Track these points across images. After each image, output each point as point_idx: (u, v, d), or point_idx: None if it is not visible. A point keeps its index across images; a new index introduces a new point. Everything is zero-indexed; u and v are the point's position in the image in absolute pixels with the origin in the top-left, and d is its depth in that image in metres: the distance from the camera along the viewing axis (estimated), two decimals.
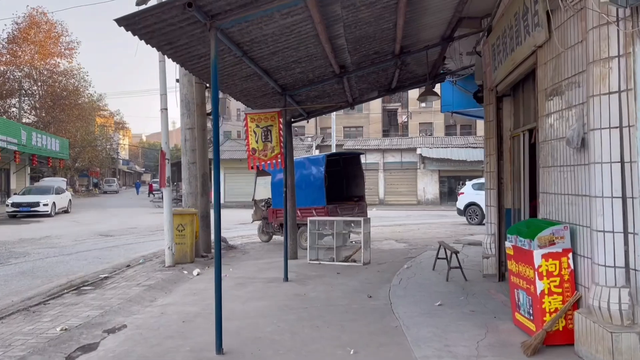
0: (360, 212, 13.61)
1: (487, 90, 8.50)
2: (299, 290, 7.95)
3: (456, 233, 16.61)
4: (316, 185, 12.90)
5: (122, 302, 7.26)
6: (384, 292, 7.64)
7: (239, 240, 15.79)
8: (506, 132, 7.91)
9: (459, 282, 8.09)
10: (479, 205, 20.47)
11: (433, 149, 36.27)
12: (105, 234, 18.13)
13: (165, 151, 10.19)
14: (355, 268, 9.96)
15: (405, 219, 24.44)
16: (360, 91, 10.77)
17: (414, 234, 16.50)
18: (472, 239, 13.78)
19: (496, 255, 8.05)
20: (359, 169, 14.27)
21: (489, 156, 8.44)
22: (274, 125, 8.56)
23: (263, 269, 10.14)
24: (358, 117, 48.18)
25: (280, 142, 8.56)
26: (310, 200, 13.03)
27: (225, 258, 11.99)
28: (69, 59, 50.02)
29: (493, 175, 8.29)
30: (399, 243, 14.06)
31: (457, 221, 21.96)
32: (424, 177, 36.40)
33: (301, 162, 13.54)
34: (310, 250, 10.86)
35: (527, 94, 7.07)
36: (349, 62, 8.18)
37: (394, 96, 50.04)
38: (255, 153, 8.61)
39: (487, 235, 8.47)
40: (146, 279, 9.10)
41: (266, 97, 8.90)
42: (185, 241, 10.84)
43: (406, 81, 10.96)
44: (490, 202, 8.45)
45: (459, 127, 48.20)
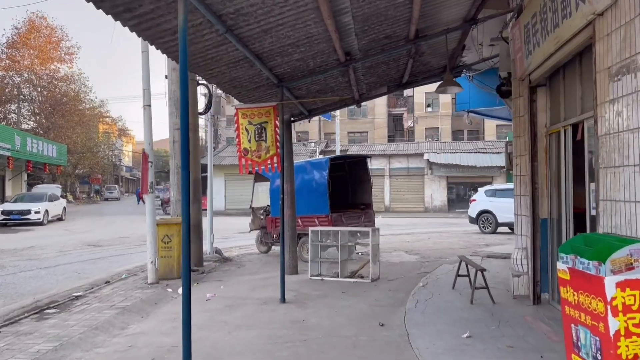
0: (368, 221, 12.41)
1: (516, 81, 7.32)
2: (297, 315, 6.75)
3: (470, 243, 15.37)
4: (319, 192, 11.72)
5: (85, 331, 6.08)
6: (398, 318, 6.43)
7: (236, 251, 14.61)
8: (541, 128, 6.72)
9: (486, 305, 6.87)
10: (492, 213, 19.29)
11: (441, 154, 35.03)
12: (94, 244, 16.98)
13: (149, 153, 9.04)
14: (363, 285, 8.75)
15: (413, 228, 23.20)
16: (368, 86, 9.61)
17: (425, 245, 15.27)
18: (490, 250, 12.54)
19: (529, 274, 6.83)
20: (366, 174, 13.08)
21: (519, 157, 7.25)
22: (268, 122, 7.41)
23: (258, 287, 8.95)
24: (363, 122, 47.10)
25: (276, 141, 7.40)
26: (312, 208, 11.84)
27: (217, 272, 10.82)
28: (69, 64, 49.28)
29: (524, 180, 7.09)
30: (409, 255, 12.84)
31: (468, 230, 20.72)
32: (431, 184, 35.15)
33: (302, 166, 12.36)
34: (311, 264, 9.67)
35: (571, 81, 5.89)
36: (356, 48, 7.02)
37: (399, 100, 49.02)
38: (247, 154, 7.46)
39: (517, 250, 7.26)
40: (123, 299, 7.92)
41: (260, 90, 7.75)
42: (172, 254, 9.67)
43: (419, 75, 9.80)
44: (520, 210, 7.25)
45: (467, 132, 47.02)
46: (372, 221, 12.55)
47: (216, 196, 36.92)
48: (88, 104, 54.08)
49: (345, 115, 44.64)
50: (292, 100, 8.14)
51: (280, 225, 7.71)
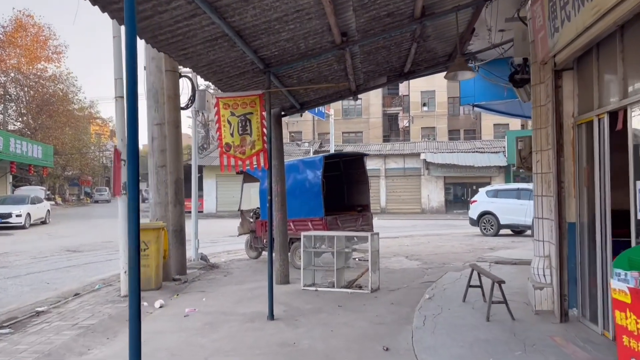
0: (365, 224, 11.50)
1: (535, 65, 6.43)
2: (287, 336, 5.82)
3: (474, 247, 14.49)
4: (312, 193, 10.79)
5: (36, 359, 5.12)
6: (404, 339, 5.51)
7: (224, 257, 13.64)
8: (567, 118, 5.83)
9: (504, 322, 5.96)
10: (494, 215, 18.44)
11: (438, 154, 34.19)
12: (75, 249, 15.97)
13: (121, 150, 8.07)
14: (362, 297, 7.83)
15: (411, 230, 22.31)
16: (366, 75, 8.70)
17: (426, 249, 14.37)
18: (497, 255, 11.64)
19: (555, 286, 5.93)
20: (363, 173, 12.15)
21: (539, 153, 6.36)
22: (254, 113, 6.48)
23: (245, 299, 8.01)
24: (357, 121, 46.24)
25: (262, 135, 6.47)
26: (305, 211, 10.91)
27: (201, 282, 9.87)
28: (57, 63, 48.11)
29: (547, 178, 6.20)
30: (410, 260, 11.93)
31: (469, 232, 19.86)
32: (428, 184, 34.29)
33: (294, 166, 11.43)
34: (304, 273, 8.73)
35: (608, 61, 5.00)
36: (354, 27, 6.10)
37: (394, 100, 48.20)
38: (229, 150, 6.52)
39: (538, 258, 6.36)
40: (89, 315, 6.96)
41: (245, 78, 6.82)
42: (149, 262, 8.70)
43: (422, 63, 8.90)
44: (542, 213, 6.35)
45: (463, 132, 46.28)
46: (369, 224, 11.64)
47: (207, 198, 36.04)
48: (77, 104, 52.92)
49: (339, 114, 43.78)
50: (280, 87, 7.21)
51: (268, 230, 6.77)
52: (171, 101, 10.35)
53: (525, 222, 17.37)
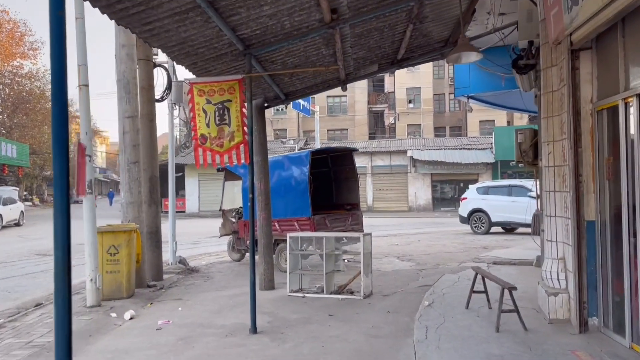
0: (355, 224, 10.81)
1: (546, 47, 5.80)
2: (272, 352, 5.10)
3: (466, 246, 13.91)
4: (298, 191, 10.08)
5: None
6: (406, 356, 4.83)
7: (205, 260, 12.88)
8: (585, 104, 5.20)
9: (516, 333, 5.31)
10: (485, 212, 17.89)
11: (424, 150, 33.70)
12: (46, 252, 15.06)
13: (85, 144, 7.27)
14: (354, 304, 7.14)
15: (399, 228, 21.74)
16: (357, 63, 8.00)
17: (417, 248, 13.76)
18: (494, 255, 11.04)
19: (572, 292, 5.30)
20: (352, 170, 11.46)
21: (552, 143, 5.73)
22: (233, 101, 5.74)
23: (225, 308, 7.27)
24: (343, 119, 45.59)
25: (243, 125, 5.74)
26: (291, 210, 10.20)
27: (179, 288, 9.11)
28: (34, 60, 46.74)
29: (561, 171, 5.57)
30: (402, 261, 11.28)
31: (459, 230, 19.33)
32: (415, 182, 33.79)
33: (279, 162, 10.71)
34: (290, 277, 8.02)
35: (637, 37, 4.37)
36: (345, 2, 5.41)
37: (380, 97, 47.67)
38: (205, 142, 5.77)
39: (551, 261, 5.73)
40: (47, 330, 6.17)
41: (223, 61, 6.07)
42: (120, 268, 7.91)
43: (417, 50, 8.23)
44: (554, 210, 5.72)
45: (449, 129, 45.91)
46: (359, 223, 10.96)
47: (189, 197, 35.08)
48: None
49: (324, 112, 43.12)
50: (262, 73, 6.46)
51: (249, 231, 6.03)
52: (145, 93, 9.57)
53: (517, 219, 16.88)
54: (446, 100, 46.12)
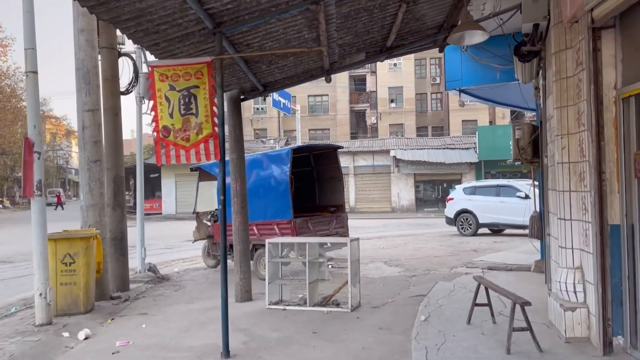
0: (340, 227, 10.05)
1: (560, 27, 5.11)
2: None
3: (456, 249, 13.25)
4: (279, 192, 9.28)
5: None
6: None
7: (178, 266, 11.99)
8: (608, 91, 4.52)
9: (530, 355, 4.59)
10: (472, 213, 17.28)
11: (407, 150, 33.16)
12: (6, 259, 13.99)
13: (34, 140, 6.36)
14: (341, 319, 6.37)
15: (383, 230, 21.08)
16: (342, 50, 7.23)
17: (404, 252, 13.06)
18: (488, 260, 10.37)
19: (593, 308, 4.61)
20: (337, 169, 10.69)
21: (567, 137, 5.04)
22: (200, 87, 4.93)
23: (195, 324, 6.44)
24: (324, 118, 44.88)
25: (212, 115, 4.93)
26: (271, 213, 9.39)
27: (146, 299, 8.24)
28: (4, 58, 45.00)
29: (577, 169, 4.88)
30: (390, 267, 10.56)
31: (445, 231, 18.74)
32: (398, 182, 33.22)
33: (257, 160, 9.89)
34: (270, 287, 7.22)
35: None
36: None
37: (362, 96, 47.07)
38: (168, 135, 4.94)
39: (565, 270, 5.03)
40: None
41: (190, 42, 5.25)
42: (77, 280, 7.01)
43: (408, 36, 7.50)
44: (568, 212, 5.03)
45: (431, 129, 45.53)
46: (344, 226, 10.20)
47: (166, 199, 33.96)
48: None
49: (305, 111, 42.35)
50: (234, 55, 5.65)
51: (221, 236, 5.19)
52: (108, 84, 8.68)
53: (506, 220, 16.32)
54: (428, 100, 45.79)
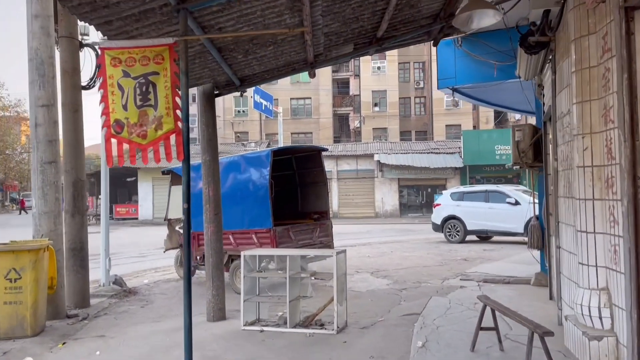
0: (324, 236, 9.28)
1: (579, 10, 4.43)
2: None
3: (445, 258, 12.58)
4: (257, 197, 8.48)
5: None
6: None
7: (149, 277, 11.10)
8: None
9: None
10: (460, 220, 16.66)
11: (392, 155, 32.54)
12: None
13: None
14: (326, 343, 5.60)
15: (368, 236, 20.38)
16: (329, 40, 6.48)
17: (391, 261, 12.34)
18: (481, 270, 9.67)
19: (626, 337, 3.91)
20: (321, 173, 9.92)
21: (588, 136, 4.36)
22: (160, 75, 4.12)
23: (158, 350, 5.61)
24: (307, 122, 44.14)
25: (174, 108, 4.13)
26: (249, 220, 8.59)
27: (108, 317, 7.37)
28: None
29: (602, 173, 4.20)
30: (377, 278, 9.82)
31: (431, 238, 18.10)
32: (382, 187, 32.58)
33: (234, 163, 9.08)
34: (245, 305, 6.41)
35: None
36: None
37: (345, 100, 46.45)
38: (121, 131, 4.12)
39: (588, 292, 4.34)
40: None
41: (150, 21, 4.44)
42: (23, 298, 6.12)
43: (401, 27, 6.78)
44: (590, 224, 4.34)
45: (414, 134, 45.10)
46: (329, 235, 9.43)
47: (143, 203, 32.81)
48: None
49: (288, 114, 41.56)
50: (200, 36, 4.84)
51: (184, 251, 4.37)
52: (68, 77, 7.80)
53: (495, 227, 15.73)
54: (412, 104, 45.39)
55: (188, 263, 4.29)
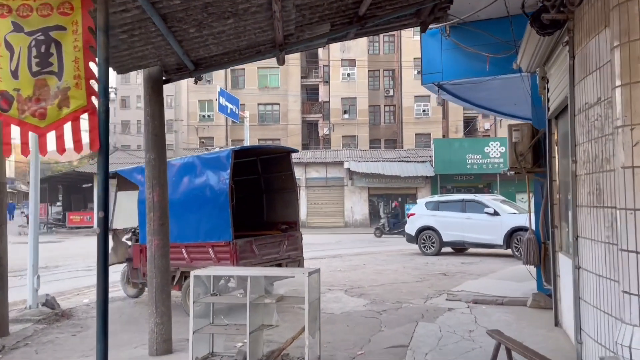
0: (293, 249, 8.11)
1: None
2: None
3: (422, 273, 11.58)
4: (216, 205, 7.27)
5: None
6: None
7: (90, 296, 9.68)
8: None
9: None
10: (435, 230, 15.75)
11: (362, 162, 31.69)
12: None
13: None
14: None
15: (338, 247, 19.33)
16: (302, 15, 5.38)
17: (365, 276, 11.27)
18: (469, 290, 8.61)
19: None
20: (290, 178, 8.76)
21: (638, 128, 3.37)
22: (68, 31, 2.94)
23: None
24: (275, 128, 42.94)
25: (87, 77, 2.94)
26: (205, 231, 7.36)
27: (29, 348, 6.06)
28: None
29: None
30: (352, 297, 8.72)
31: (405, 249, 17.18)
32: (351, 195, 31.65)
33: (188, 165, 7.85)
34: (196, 337, 5.19)
35: None
36: None
37: (314, 106, 45.53)
38: (9, 108, 2.91)
39: (631, 329, 3.33)
40: None
41: None
42: None
43: (386, 6, 5.74)
44: (633, 241, 3.34)
45: (384, 142, 44.50)
46: (299, 249, 8.27)
47: None
48: None
49: (255, 120, 40.33)
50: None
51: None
52: None
53: (473, 239, 14.87)
54: (381, 112, 44.80)
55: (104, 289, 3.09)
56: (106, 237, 3.04)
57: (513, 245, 13.83)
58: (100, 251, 3.01)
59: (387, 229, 23.57)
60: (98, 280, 3.06)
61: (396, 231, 22.85)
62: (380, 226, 23.98)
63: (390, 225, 23.63)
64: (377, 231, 23.89)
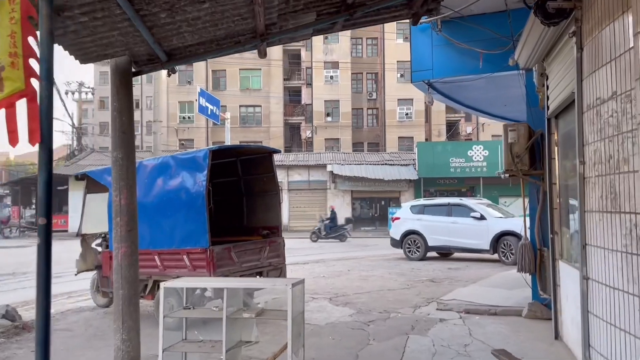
0: (275, 256, 7.62)
1: None
2: None
3: (409, 279, 11.18)
4: (191, 209, 6.75)
5: None
6: None
7: (58, 305, 9.05)
8: None
9: None
10: (420, 235, 15.40)
11: (345, 165, 31.33)
12: None
13: None
14: None
15: (320, 252, 18.91)
16: (284, 2, 4.91)
17: (350, 282, 10.83)
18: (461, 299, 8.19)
19: None
20: (272, 180, 8.27)
21: None
22: (4, 0, 2.42)
23: None
24: (257, 130, 42.32)
25: (26, 54, 2.43)
26: (180, 237, 6.83)
27: None
28: None
29: None
30: (337, 306, 8.25)
31: (389, 254, 16.81)
32: (334, 199, 31.23)
33: (162, 165, 7.30)
34: (165, 354, 4.67)
35: None
36: None
37: (297, 109, 45.06)
38: None
39: None
40: None
41: None
42: None
43: None
44: None
45: (367, 145, 44.22)
46: (281, 255, 7.78)
47: (74, 214, 29.73)
48: None
49: (236, 122, 39.70)
50: None
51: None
52: None
53: (459, 244, 14.55)
54: (364, 115, 44.53)
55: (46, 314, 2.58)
56: (48, 249, 2.53)
57: (500, 250, 13.54)
58: (41, 266, 2.49)
59: (323, 234, 23.57)
60: (38, 301, 2.54)
61: (332, 235, 23.12)
62: (317, 230, 24.00)
63: (326, 230, 23.68)
64: (313, 235, 23.76)
